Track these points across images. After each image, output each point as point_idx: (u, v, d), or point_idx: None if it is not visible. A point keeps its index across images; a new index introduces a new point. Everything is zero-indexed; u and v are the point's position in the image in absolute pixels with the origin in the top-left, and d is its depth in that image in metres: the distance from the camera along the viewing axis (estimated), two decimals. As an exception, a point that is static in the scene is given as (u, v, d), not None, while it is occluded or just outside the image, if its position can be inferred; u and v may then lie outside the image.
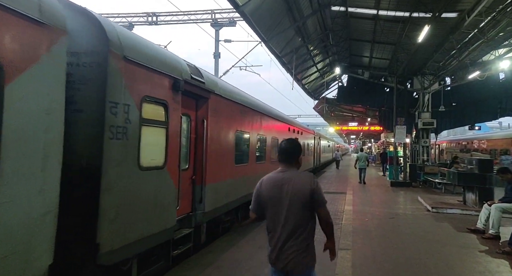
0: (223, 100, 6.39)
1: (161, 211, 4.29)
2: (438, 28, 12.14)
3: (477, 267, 5.05)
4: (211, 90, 5.78)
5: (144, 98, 4.02)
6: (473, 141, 26.31)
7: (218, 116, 6.17)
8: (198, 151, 5.62)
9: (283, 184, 2.65)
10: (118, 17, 22.54)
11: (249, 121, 8.03)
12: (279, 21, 13.52)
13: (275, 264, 2.66)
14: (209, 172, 5.72)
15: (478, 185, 9.09)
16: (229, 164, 6.82)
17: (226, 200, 6.58)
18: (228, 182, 6.70)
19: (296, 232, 2.59)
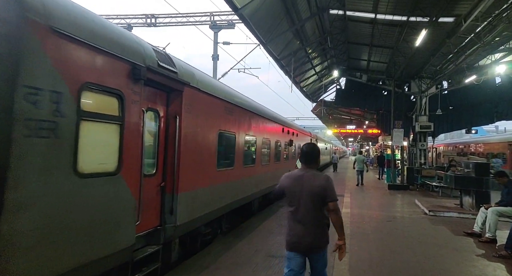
0: (202, 95, 5.57)
1: (111, 228, 3.47)
2: (435, 32, 12.23)
3: (473, 271, 5.06)
4: (185, 82, 4.95)
5: (86, 85, 3.13)
6: (470, 145, 26.43)
7: (196, 113, 5.34)
8: (169, 153, 4.78)
9: (303, 180, 3.24)
10: (117, 18, 22.56)
11: (235, 121, 7.22)
12: (277, 24, 13.58)
13: (295, 248, 3.22)
14: (183, 178, 4.90)
15: (475, 188, 9.14)
16: (210, 168, 5.97)
17: (206, 209, 5.78)
18: (208, 189, 5.88)
19: (312, 220, 3.18)
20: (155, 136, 4.66)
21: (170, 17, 22.62)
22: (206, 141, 5.79)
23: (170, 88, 4.74)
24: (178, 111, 4.88)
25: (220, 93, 6.40)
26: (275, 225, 7.89)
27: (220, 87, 6.66)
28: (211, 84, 6.20)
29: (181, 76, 4.92)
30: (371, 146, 50.20)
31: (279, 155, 11.83)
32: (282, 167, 12.34)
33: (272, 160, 10.75)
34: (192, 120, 5.24)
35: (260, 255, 5.62)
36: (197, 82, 5.42)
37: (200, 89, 5.48)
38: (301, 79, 22.03)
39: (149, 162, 4.52)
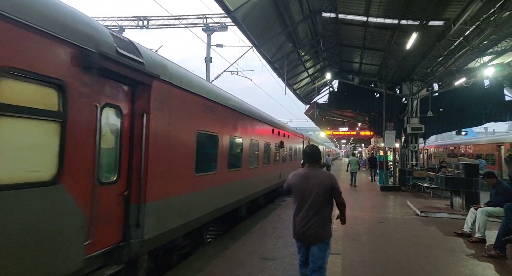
0: (176, 90, 4.93)
1: (46, 252, 2.82)
2: (426, 35, 12.43)
3: (463, 271, 5.14)
4: (154, 75, 4.29)
5: (5, 71, 2.53)
6: (460, 146, 26.82)
7: (169, 111, 4.69)
8: (135, 157, 4.12)
9: (309, 178, 3.64)
10: (109, 20, 22.42)
11: (218, 121, 6.59)
12: (270, 27, 13.65)
13: (301, 238, 3.66)
14: (152, 184, 4.24)
15: (464, 189, 9.28)
16: (187, 173, 5.31)
17: (183, 219, 5.12)
18: (185, 197, 5.22)
19: (318, 212, 3.58)
20: (116, 137, 3.95)
21: (163, 20, 22.57)
22: (181, 142, 5.11)
23: (135, 81, 4.07)
24: (145, 109, 4.20)
25: (199, 89, 5.76)
26: (269, 227, 7.91)
27: (199, 83, 6.00)
28: (188, 79, 5.53)
29: (149, 68, 4.27)
30: (364, 148, 50.58)
31: (268, 157, 11.34)
32: (272, 170, 11.98)
33: (261, 163, 10.26)
34: (164, 119, 4.58)
35: (254, 257, 5.63)
36: (170, 76, 4.77)
37: (173, 84, 4.83)
38: (294, 81, 22.14)
39: (108, 167, 3.83)
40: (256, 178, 9.64)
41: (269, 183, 11.49)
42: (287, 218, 9.08)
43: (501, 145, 19.54)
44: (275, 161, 12.50)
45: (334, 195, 3.66)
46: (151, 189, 4.26)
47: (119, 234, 3.97)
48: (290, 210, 10.14)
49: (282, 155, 13.70)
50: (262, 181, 10.29)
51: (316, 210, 3.58)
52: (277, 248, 6.20)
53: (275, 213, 9.84)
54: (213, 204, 6.34)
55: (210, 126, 6.23)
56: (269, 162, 11.47)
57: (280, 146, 13.00)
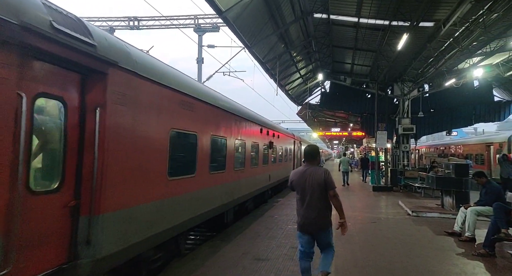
0: (143, 82, 4.24)
1: None
2: (416, 36, 12.56)
3: (454, 269, 5.19)
4: (111, 61, 3.60)
5: None
6: (450, 146, 27.18)
7: (133, 106, 4.03)
8: (87, 160, 3.44)
9: (307, 174, 4.03)
10: (99, 21, 22.18)
11: (197, 118, 5.97)
12: (262, 28, 13.64)
13: (305, 229, 4.00)
14: (110, 192, 3.60)
15: (454, 188, 9.39)
16: (158, 177, 4.64)
17: (153, 230, 4.46)
18: (155, 205, 4.54)
19: (318, 205, 3.94)
20: (59, 135, 3.28)
21: (154, 20, 22.39)
22: (151, 142, 4.45)
23: (85, 68, 3.40)
24: (99, 102, 3.48)
25: (175, 83, 5.13)
26: (262, 228, 7.88)
27: (175, 76, 5.36)
28: (161, 70, 4.86)
29: (104, 53, 3.57)
30: (356, 148, 50.92)
31: (256, 158, 10.68)
32: (261, 172, 11.35)
33: (248, 165, 9.60)
34: (128, 115, 3.94)
35: (247, 258, 5.60)
36: (134, 65, 4.09)
37: (140, 74, 4.17)
38: (286, 82, 22.17)
39: (45, 172, 3.22)
40: (242, 181, 8.98)
41: (258, 185, 10.90)
42: (280, 218, 9.07)
43: (490, 145, 19.87)
44: (264, 162, 11.81)
45: (328, 188, 3.96)
46: (109, 197, 3.61)
47: (63, 254, 3.25)
48: (284, 210, 10.19)
49: (271, 155, 13.07)
50: (249, 184, 9.69)
51: (316, 204, 3.96)
52: (270, 248, 6.18)
53: (268, 213, 9.82)
54: (191, 211, 5.71)
55: (188, 125, 5.59)
56: (258, 164, 10.82)
57: (269, 147, 12.42)
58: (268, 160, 12.36)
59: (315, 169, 4.08)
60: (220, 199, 7.22)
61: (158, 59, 5.25)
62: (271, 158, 12.93)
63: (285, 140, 16.25)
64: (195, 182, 5.88)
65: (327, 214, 4.03)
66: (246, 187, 9.35)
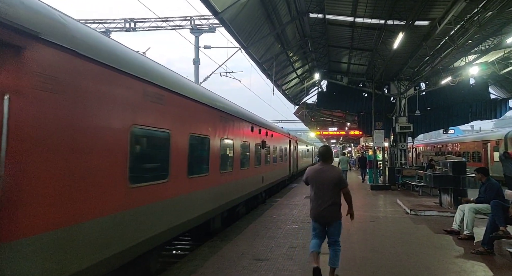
0: (87, 64, 3.41)
1: None
2: (412, 35, 12.61)
3: (453, 267, 5.19)
4: (30, 31, 2.76)
5: None
6: (447, 144, 27.29)
7: (71, 95, 3.19)
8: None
9: (322, 172, 4.62)
10: (95, 23, 22.11)
11: (170, 113, 5.10)
12: (258, 28, 13.64)
13: (317, 219, 4.65)
14: (32, 207, 2.75)
15: (452, 186, 9.41)
16: (113, 185, 3.77)
17: (108, 251, 3.65)
18: (110, 219, 3.69)
19: (330, 199, 4.53)
20: None
21: (150, 22, 22.35)
22: (100, 142, 3.61)
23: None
24: (9, 86, 2.62)
25: (136, 68, 4.24)
26: (261, 228, 7.86)
27: (136, 59, 4.41)
28: (114, 51, 3.97)
29: (17, 19, 2.66)
30: (353, 147, 51.03)
31: (247, 159, 9.72)
32: (253, 174, 10.35)
33: (238, 167, 8.80)
34: (62, 106, 3.07)
35: (247, 258, 5.58)
36: (72, 40, 3.21)
37: (80, 53, 3.30)
38: (283, 82, 22.18)
39: None
40: (231, 184, 8.22)
41: (249, 188, 10.03)
42: (279, 218, 9.06)
43: (487, 143, 19.96)
44: (257, 163, 10.88)
45: (340, 186, 4.59)
46: (31, 214, 2.72)
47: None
48: (282, 210, 10.19)
49: (265, 156, 12.15)
50: (239, 187, 8.92)
51: (328, 197, 4.53)
52: (270, 248, 6.17)
53: (267, 213, 9.81)
54: (164, 223, 4.86)
55: (157, 121, 4.70)
56: (249, 165, 9.90)
57: (262, 146, 11.46)
58: (261, 161, 11.49)
59: (330, 168, 4.69)
60: (203, 206, 6.39)
61: (117, 41, 4.41)
62: (264, 159, 12.05)
63: (279, 139, 15.45)
64: (168, 188, 4.98)
65: (337, 207, 4.59)
66: (236, 191, 8.63)
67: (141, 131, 4.33)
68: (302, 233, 7.40)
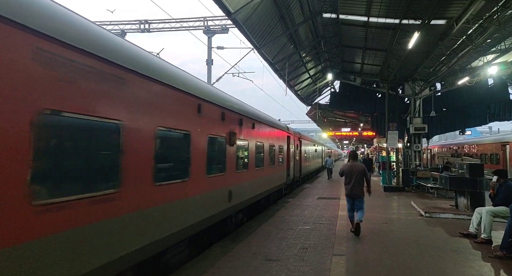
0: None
1: None
2: (428, 34, 12.37)
3: (470, 271, 5.07)
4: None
5: None
6: (464, 146, 26.65)
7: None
8: None
9: (353, 167, 7.49)
10: (111, 24, 22.54)
11: (118, 98, 3.64)
12: (271, 29, 13.65)
13: (349, 196, 7.49)
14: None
15: (469, 189, 9.18)
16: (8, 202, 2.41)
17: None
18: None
19: (357, 184, 7.39)
20: None
21: (164, 23, 22.65)
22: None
23: None
24: None
25: (61, 30, 2.88)
26: (272, 228, 7.86)
27: (67, 17, 3.10)
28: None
29: None
30: (366, 148, 50.42)
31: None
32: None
33: (233, 168, 7.19)
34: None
35: (258, 258, 5.59)
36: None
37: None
38: (296, 82, 22.12)
39: None
40: (216, 193, 6.35)
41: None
42: (290, 219, 9.03)
43: (506, 144, 19.39)
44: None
45: (365, 176, 7.58)
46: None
47: None
48: (294, 210, 10.20)
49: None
50: (220, 198, 6.65)
51: (356, 182, 7.45)
52: (281, 249, 6.16)
53: (279, 214, 9.79)
54: (112, 250, 3.51)
55: (96, 107, 3.29)
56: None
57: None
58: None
59: (357, 164, 7.81)
60: (178, 223, 4.88)
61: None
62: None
63: (271, 133, 11.07)
64: (120, 201, 3.66)
65: (361, 188, 7.53)
66: (218, 202, 6.37)
67: (64, 123, 3.04)
68: (314, 234, 7.36)
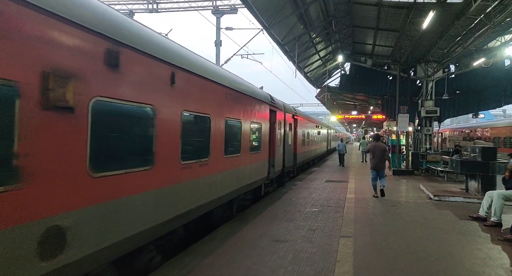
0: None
1: None
2: (443, 14, 11.89)
3: (478, 254, 5.06)
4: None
5: None
6: (477, 129, 26.14)
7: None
8: None
9: (376, 146, 10.01)
10: (119, 4, 22.26)
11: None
12: (281, 8, 13.30)
13: (374, 168, 9.88)
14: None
15: (481, 172, 9.06)
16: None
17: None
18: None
19: (381, 159, 9.83)
20: None
21: (172, 3, 22.27)
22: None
23: None
24: None
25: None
26: (279, 210, 7.93)
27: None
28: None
29: None
30: (376, 131, 49.95)
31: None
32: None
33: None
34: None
35: (265, 239, 5.67)
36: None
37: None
38: (305, 64, 21.74)
39: None
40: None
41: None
42: (298, 201, 9.09)
43: (520, 128, 18.94)
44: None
45: (385, 153, 9.84)
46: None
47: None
48: (301, 193, 10.30)
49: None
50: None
51: (379, 157, 9.73)
52: (289, 230, 6.23)
53: (286, 196, 9.86)
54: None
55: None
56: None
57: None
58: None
59: (380, 143, 10.15)
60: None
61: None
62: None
63: (237, 104, 7.13)
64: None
65: (382, 162, 9.82)
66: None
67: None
68: (321, 216, 7.41)
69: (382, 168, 9.73)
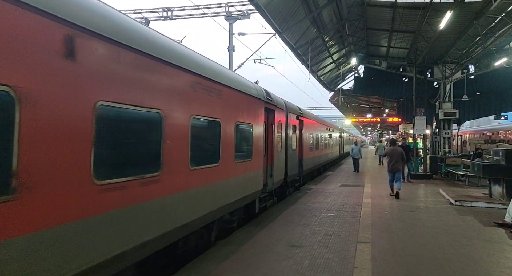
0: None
1: None
2: (462, 13, 11.60)
3: (506, 262, 4.82)
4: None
5: None
6: (499, 132, 25.27)
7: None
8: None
9: (393, 150, 10.96)
10: (135, 13, 22.75)
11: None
12: (294, 12, 13.27)
13: (391, 170, 10.74)
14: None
15: (505, 176, 8.71)
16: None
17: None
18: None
19: (397, 162, 10.69)
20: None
21: (186, 10, 22.60)
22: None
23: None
24: None
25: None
26: (295, 215, 7.82)
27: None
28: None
29: None
30: (391, 135, 49.07)
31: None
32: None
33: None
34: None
35: (281, 244, 5.58)
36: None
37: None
38: (318, 68, 21.59)
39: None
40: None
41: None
42: (313, 206, 8.95)
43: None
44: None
45: (402, 156, 10.70)
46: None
47: None
48: (317, 198, 10.14)
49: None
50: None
51: (396, 161, 10.59)
52: (304, 235, 6.12)
53: (301, 201, 9.73)
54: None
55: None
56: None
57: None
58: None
59: (397, 147, 11.11)
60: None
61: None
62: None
63: (228, 101, 5.86)
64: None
65: (399, 164, 10.57)
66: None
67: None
68: (337, 221, 7.26)
69: (399, 169, 10.61)
